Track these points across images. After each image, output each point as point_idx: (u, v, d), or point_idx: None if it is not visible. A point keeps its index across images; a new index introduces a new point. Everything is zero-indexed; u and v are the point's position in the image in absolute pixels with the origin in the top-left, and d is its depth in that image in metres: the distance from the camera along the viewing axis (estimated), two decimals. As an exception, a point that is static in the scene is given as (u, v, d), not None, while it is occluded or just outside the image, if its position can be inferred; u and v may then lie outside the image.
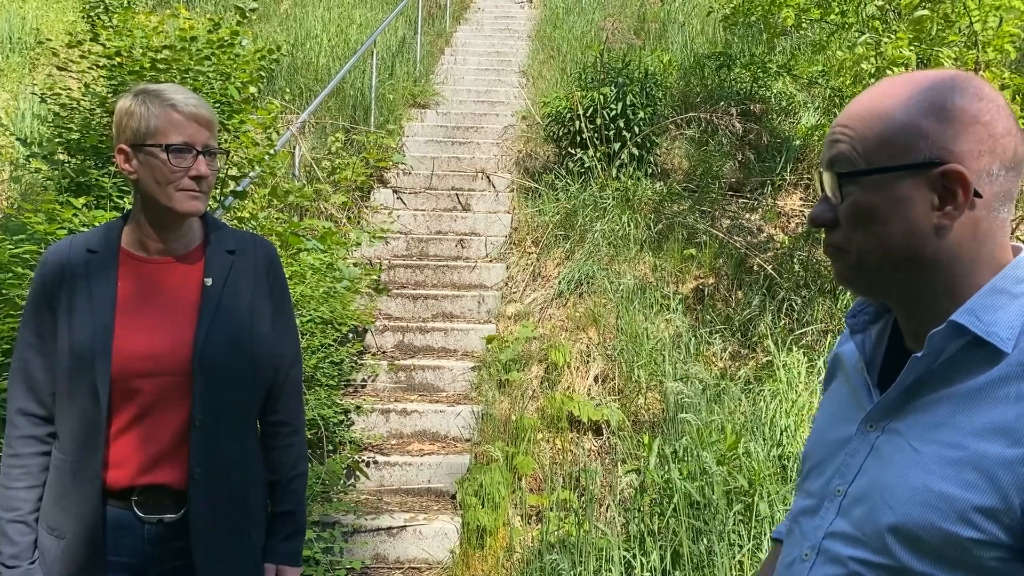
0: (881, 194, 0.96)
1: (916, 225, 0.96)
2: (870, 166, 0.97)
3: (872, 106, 0.98)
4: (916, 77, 0.99)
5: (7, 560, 1.77)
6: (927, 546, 0.92)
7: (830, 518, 1.04)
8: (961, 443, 0.92)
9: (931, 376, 0.99)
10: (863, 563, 0.98)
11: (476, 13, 12.63)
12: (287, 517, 1.99)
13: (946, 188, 0.94)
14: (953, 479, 0.91)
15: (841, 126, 1.00)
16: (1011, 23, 4.03)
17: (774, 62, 7.19)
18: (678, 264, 6.02)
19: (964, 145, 0.94)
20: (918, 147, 0.95)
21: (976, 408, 0.93)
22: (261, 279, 1.93)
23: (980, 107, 0.95)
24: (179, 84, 4.23)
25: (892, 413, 1.02)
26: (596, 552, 3.46)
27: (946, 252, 0.96)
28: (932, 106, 0.95)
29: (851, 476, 1.03)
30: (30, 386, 1.79)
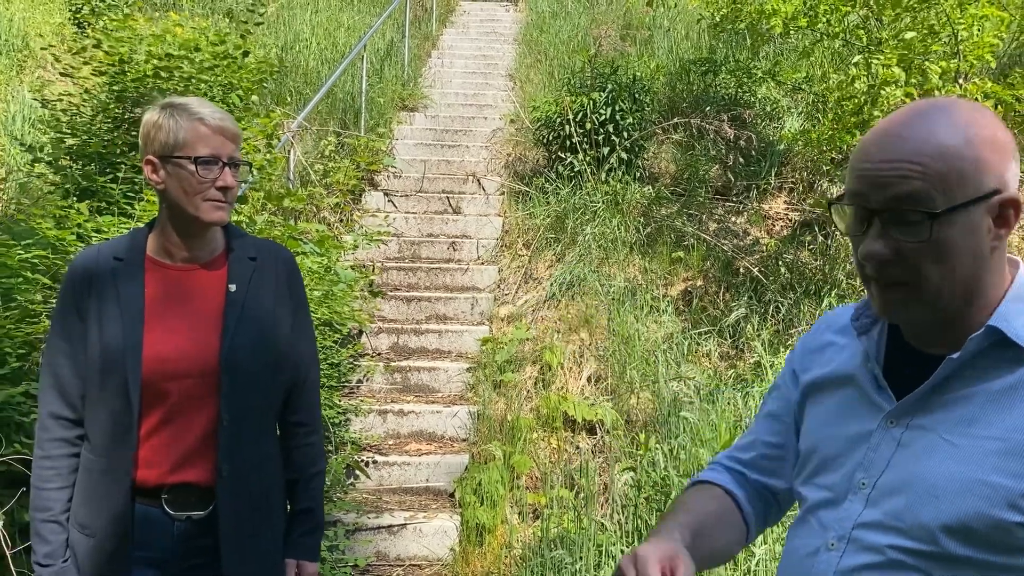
0: (958, 227, 1.01)
1: (980, 250, 1.03)
2: (952, 203, 1.00)
3: (932, 141, 1.01)
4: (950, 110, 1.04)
5: (41, 559, 1.83)
6: (975, 534, 1.00)
7: (858, 509, 1.10)
8: (1001, 436, 1.01)
9: (955, 376, 1.07)
10: (902, 551, 1.05)
11: (461, 16, 12.71)
12: (306, 514, 2.07)
13: (1002, 213, 1.03)
14: (1000, 469, 0.99)
15: (904, 161, 1.01)
16: (990, 33, 4.18)
17: (759, 68, 7.33)
18: (667, 266, 6.15)
19: (1009, 172, 1.03)
20: (985, 180, 1.01)
21: (1010, 403, 1.02)
22: (281, 284, 2.00)
23: (1009, 137, 1.05)
24: (183, 92, 4.30)
25: (915, 410, 1.09)
26: (595, 547, 3.56)
27: (992, 269, 1.06)
28: (985, 139, 1.01)
29: (878, 470, 1.10)
30: (60, 390, 1.85)
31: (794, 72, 7.20)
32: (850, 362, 1.20)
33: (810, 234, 6.39)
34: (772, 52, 8.27)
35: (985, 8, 4.01)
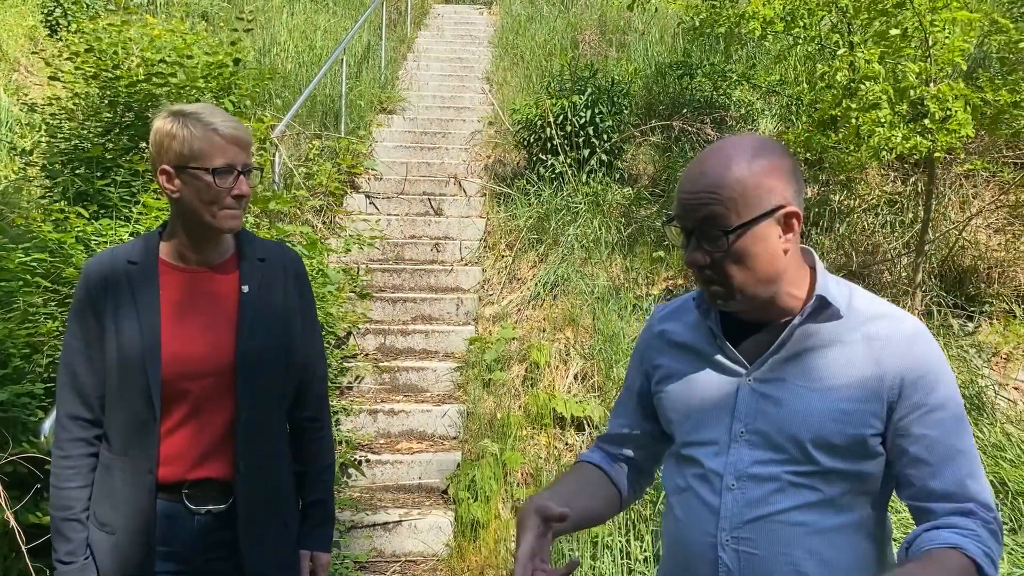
0: (749, 237, 1.33)
1: (774, 253, 1.35)
2: (742, 220, 1.32)
3: (724, 174, 1.32)
4: (743, 146, 1.36)
5: (63, 557, 1.87)
6: (840, 449, 1.33)
7: (746, 452, 1.38)
8: (840, 373, 1.35)
9: (790, 336, 1.39)
10: (794, 474, 1.35)
11: (436, 19, 12.77)
12: (319, 506, 2.13)
13: (787, 222, 1.35)
14: (847, 398, 1.34)
15: (704, 191, 1.33)
16: (960, 37, 4.35)
17: (734, 71, 7.49)
18: (648, 266, 6.27)
19: (789, 190, 1.35)
20: (766, 199, 1.33)
21: (837, 350, 1.37)
22: (291, 284, 2.05)
23: (788, 161, 1.37)
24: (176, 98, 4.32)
25: (767, 366, 1.40)
26: (591, 538, 3.66)
27: (789, 263, 1.38)
28: (767, 167, 1.33)
29: (751, 419, 1.39)
30: (78, 391, 1.88)
31: (768, 75, 7.36)
32: (695, 339, 1.50)
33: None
34: (745, 55, 8.45)
35: (957, 13, 4.18)
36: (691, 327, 1.52)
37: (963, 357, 5.19)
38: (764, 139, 1.40)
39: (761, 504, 1.36)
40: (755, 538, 1.36)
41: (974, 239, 6.27)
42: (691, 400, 1.47)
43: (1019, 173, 6.32)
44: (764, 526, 1.35)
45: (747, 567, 1.37)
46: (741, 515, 1.37)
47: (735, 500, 1.37)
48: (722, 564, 1.38)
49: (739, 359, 1.43)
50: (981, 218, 6.41)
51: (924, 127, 4.54)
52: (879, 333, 1.36)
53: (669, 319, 1.59)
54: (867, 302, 1.41)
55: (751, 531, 1.36)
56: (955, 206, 6.57)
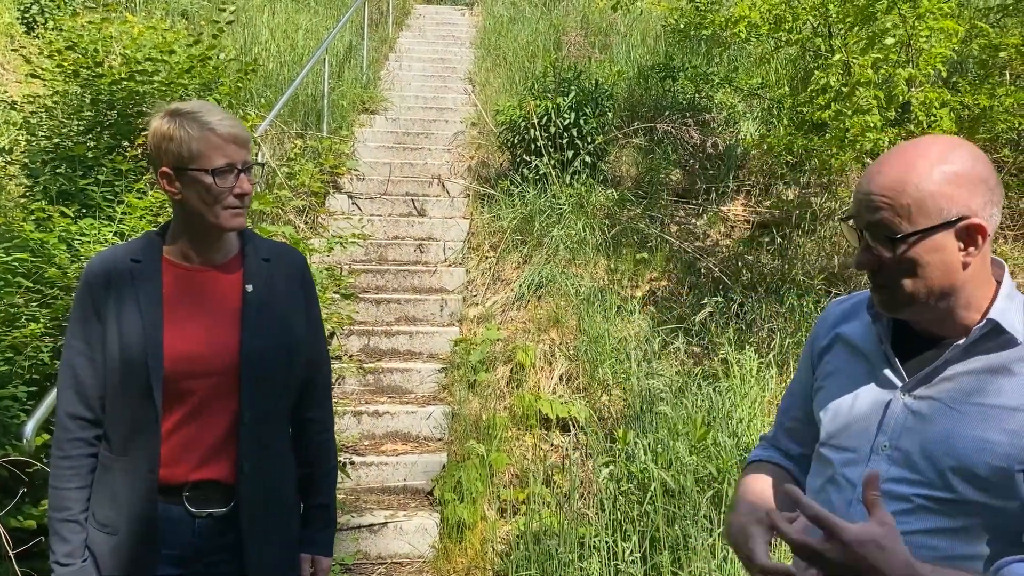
0: (922, 247, 1.27)
1: (949, 266, 1.28)
2: (914, 228, 1.26)
3: (901, 178, 1.27)
4: (931, 150, 1.29)
5: (61, 558, 1.84)
6: (982, 480, 1.25)
7: (884, 467, 1.33)
8: (998, 404, 1.27)
9: (956, 357, 1.32)
10: (926, 498, 1.29)
11: (417, 20, 12.74)
12: (321, 510, 2.12)
13: (968, 236, 1.27)
14: (999, 430, 1.25)
15: (879, 195, 1.28)
16: (943, 45, 4.41)
17: (716, 74, 7.53)
18: (632, 267, 6.29)
19: (976, 201, 1.26)
20: (945, 209, 1.25)
21: (1003, 379, 1.28)
22: (295, 284, 2.05)
23: (980, 169, 1.28)
24: (160, 95, 4.28)
25: (925, 384, 1.33)
26: (578, 539, 3.66)
27: (968, 279, 1.30)
28: (951, 175, 1.26)
29: (896, 434, 1.34)
30: (78, 391, 1.86)
31: (750, 78, 7.41)
32: (865, 342, 1.44)
33: (768, 235, 6.60)
34: (727, 58, 8.50)
35: (942, 21, 4.25)
36: (863, 328, 1.47)
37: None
38: (956, 142, 1.31)
39: None
40: None
41: (953, 241, 6.34)
42: (843, 402, 1.44)
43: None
44: None
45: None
46: None
47: (862, 514, 1.28)
48: None
49: (900, 371, 1.37)
50: (959, 221, 6.49)
51: (909, 131, 4.59)
52: None
53: (845, 315, 1.53)
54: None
55: None
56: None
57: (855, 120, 4.36)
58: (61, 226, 3.30)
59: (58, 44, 4.57)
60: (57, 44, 4.48)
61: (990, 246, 1.32)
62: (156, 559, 1.87)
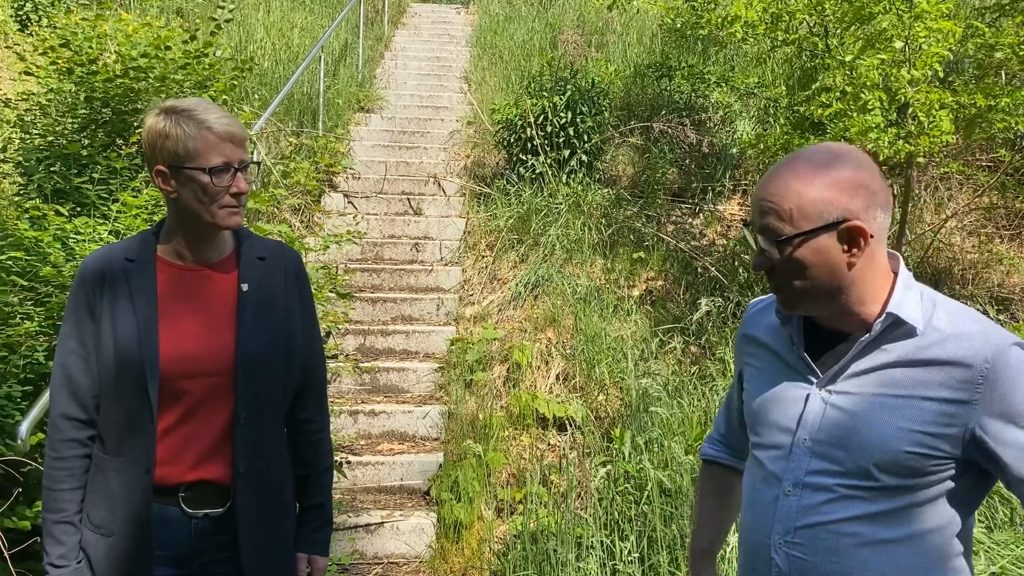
0: (806, 248, 1.35)
1: (834, 265, 1.35)
2: (796, 231, 1.34)
3: (786, 184, 1.35)
4: (815, 157, 1.36)
5: (55, 560, 1.82)
6: (900, 467, 1.33)
7: (806, 461, 1.41)
8: (906, 393, 1.34)
9: (865, 350, 1.39)
10: (848, 487, 1.36)
11: (413, 18, 12.72)
12: (317, 509, 2.10)
13: (850, 237, 1.33)
14: (909, 418, 1.32)
15: (766, 200, 1.37)
16: (941, 45, 4.41)
17: (712, 73, 7.53)
18: (628, 267, 6.29)
19: (856, 204, 1.33)
20: (826, 212, 1.33)
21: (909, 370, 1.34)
22: (291, 283, 2.03)
23: (861, 175, 1.34)
24: (154, 92, 4.25)
25: (837, 379, 1.41)
26: (575, 538, 3.66)
27: (856, 277, 1.37)
28: (830, 181, 1.33)
29: (816, 428, 1.41)
30: (72, 391, 1.84)
31: (746, 77, 7.42)
32: (778, 343, 1.52)
33: (764, 235, 6.59)
34: (723, 58, 8.50)
35: (941, 23, 4.25)
36: (775, 329, 1.54)
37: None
38: (842, 150, 1.38)
39: (814, 512, 1.39)
40: (806, 544, 1.40)
41: (949, 241, 6.36)
42: (764, 402, 1.51)
43: (993, 176, 6.42)
44: (815, 534, 1.39)
45: (796, 571, 1.41)
46: (794, 520, 1.41)
47: (790, 506, 1.41)
48: (774, 565, 1.44)
49: (813, 369, 1.44)
50: (955, 220, 6.51)
51: (908, 132, 4.60)
52: (960, 356, 1.31)
53: (760, 316, 1.61)
54: (949, 319, 1.36)
55: (802, 537, 1.40)
56: (930, 208, 6.66)
57: (856, 120, 4.36)
58: (56, 224, 3.27)
59: (52, 41, 4.54)
60: (51, 41, 4.45)
61: (883, 245, 1.39)
62: (151, 560, 1.85)
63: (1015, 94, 4.77)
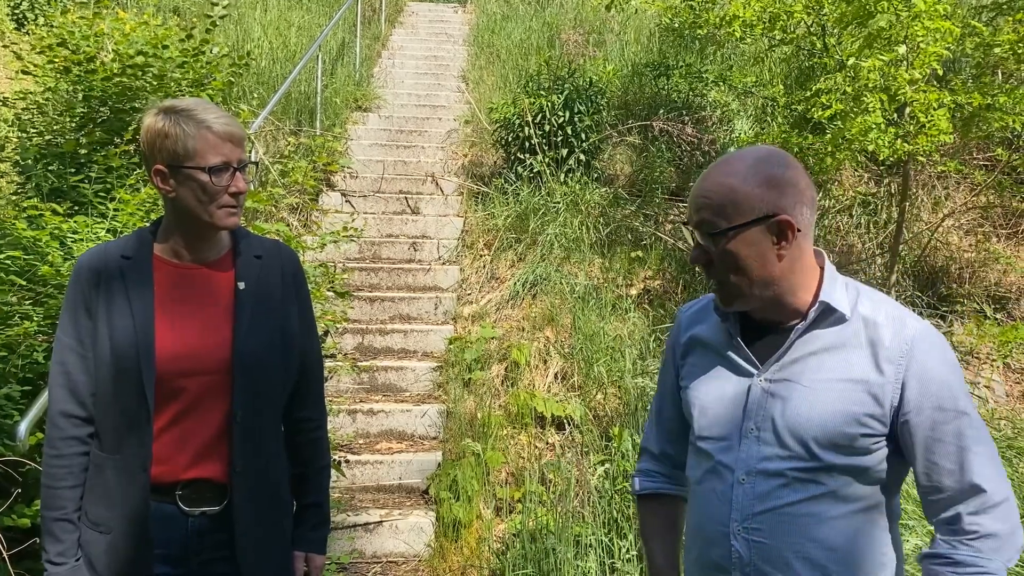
0: (739, 241, 1.42)
1: (765, 258, 1.43)
2: (729, 224, 1.42)
3: (720, 181, 1.43)
4: (746, 157, 1.45)
5: (54, 557, 1.83)
6: (840, 446, 1.41)
7: (756, 449, 1.48)
8: (840, 377, 1.43)
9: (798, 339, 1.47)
10: (798, 470, 1.44)
11: (410, 17, 12.71)
12: (314, 508, 2.11)
13: (779, 231, 1.42)
14: (844, 399, 1.41)
15: (702, 196, 1.45)
16: (939, 45, 4.42)
17: (710, 72, 7.54)
18: (626, 266, 6.29)
19: (785, 200, 1.42)
20: (757, 207, 1.41)
21: (841, 354, 1.44)
22: (288, 282, 2.03)
23: (790, 174, 1.44)
24: (152, 90, 4.25)
25: (775, 368, 1.48)
26: (574, 537, 3.66)
27: (787, 269, 1.45)
28: (763, 178, 1.42)
29: (761, 417, 1.48)
30: (70, 388, 1.84)
31: (744, 76, 7.43)
32: (717, 339, 1.58)
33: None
34: (721, 57, 8.51)
35: (939, 22, 4.26)
36: (713, 326, 1.61)
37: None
38: (772, 152, 1.47)
39: (769, 498, 1.46)
40: (764, 528, 1.47)
41: (946, 240, 6.37)
42: (708, 396, 1.57)
43: (990, 175, 6.43)
44: (772, 518, 1.46)
45: (757, 555, 1.48)
46: (751, 507, 1.48)
47: (745, 494, 1.48)
48: (735, 551, 1.49)
49: (752, 360, 1.51)
50: (953, 219, 6.52)
51: (906, 131, 4.61)
52: (881, 338, 1.42)
53: (695, 318, 1.68)
54: (873, 306, 1.47)
55: (760, 522, 1.47)
56: (927, 207, 6.67)
57: (857, 121, 4.38)
58: (53, 224, 3.27)
59: (49, 40, 4.53)
60: (48, 40, 4.44)
61: (810, 240, 1.47)
62: (151, 558, 1.85)
63: (1013, 93, 4.78)
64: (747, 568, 1.48)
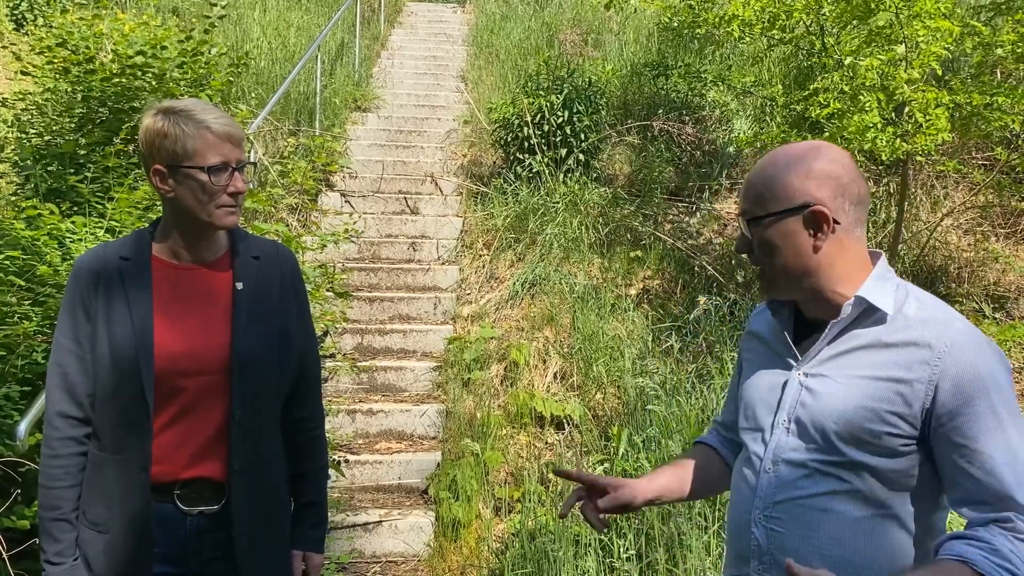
0: (774, 230, 1.46)
1: (800, 248, 1.45)
2: (765, 212, 1.46)
3: (763, 172, 1.48)
4: (793, 150, 1.48)
5: (52, 557, 1.83)
6: (864, 443, 1.40)
7: (784, 440, 1.50)
8: (870, 375, 1.42)
9: (839, 335, 1.48)
10: (820, 462, 1.44)
11: (409, 17, 12.71)
12: (312, 507, 2.12)
13: (815, 221, 1.43)
14: (871, 397, 1.40)
15: (747, 185, 1.50)
16: (937, 44, 4.42)
17: (709, 72, 7.55)
18: (626, 266, 6.29)
19: (823, 192, 1.43)
20: (793, 197, 1.44)
21: (878, 352, 1.43)
22: (286, 282, 2.04)
23: (832, 167, 1.45)
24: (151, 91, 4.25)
25: (814, 362, 1.50)
26: (573, 536, 3.66)
27: (824, 262, 1.46)
28: (801, 170, 1.45)
29: (793, 409, 1.50)
30: (68, 389, 1.84)
31: (742, 76, 7.43)
32: (770, 334, 1.63)
33: (761, 233, 6.60)
34: (720, 57, 8.51)
35: (939, 21, 4.27)
36: (768, 322, 1.65)
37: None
38: (819, 146, 1.49)
39: (790, 487, 1.47)
40: (783, 518, 1.48)
41: (945, 240, 6.38)
42: (752, 388, 1.62)
43: (989, 175, 6.44)
44: (791, 508, 1.47)
45: (774, 544, 1.49)
46: (772, 496, 1.49)
47: (769, 483, 1.50)
48: (753, 539, 1.51)
49: (794, 353, 1.54)
50: (951, 219, 6.52)
51: (905, 130, 4.61)
52: (922, 338, 1.39)
53: (759, 314, 1.72)
54: (918, 307, 1.45)
55: (780, 511, 1.48)
56: (926, 207, 6.67)
57: (854, 120, 4.39)
58: (51, 223, 3.27)
59: (48, 41, 4.53)
60: (48, 41, 4.45)
61: (857, 236, 1.47)
62: (150, 558, 1.86)
63: (1012, 92, 4.78)
64: (764, 557, 1.49)
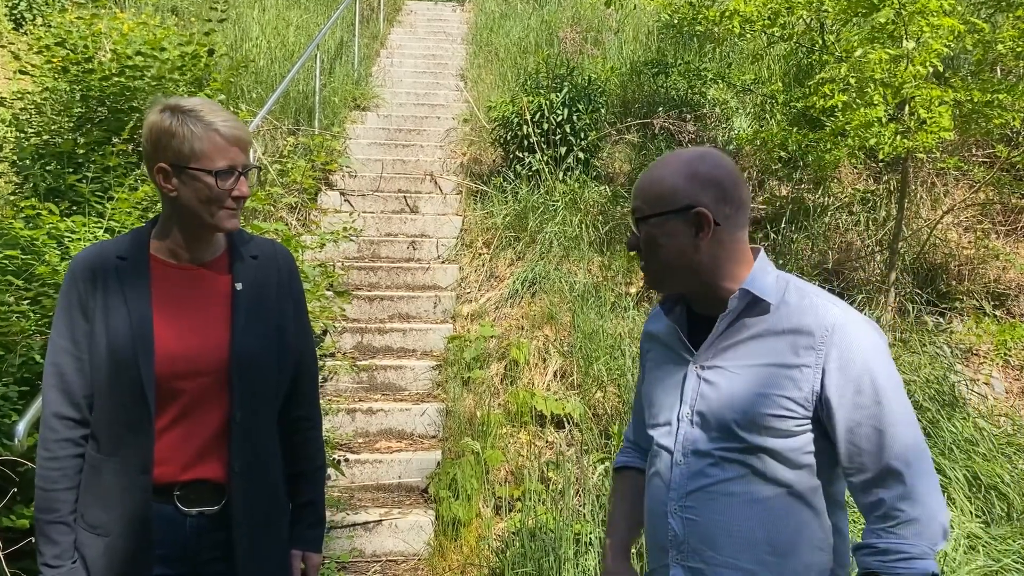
0: (658, 229, 1.54)
1: (683, 247, 1.53)
2: (651, 211, 1.54)
3: (652, 175, 1.56)
4: (683, 155, 1.57)
5: (50, 560, 1.81)
6: (760, 427, 1.49)
7: (690, 432, 1.58)
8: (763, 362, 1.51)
9: (729, 328, 1.56)
10: (724, 449, 1.53)
11: (408, 16, 12.71)
12: (311, 507, 2.11)
13: (697, 222, 1.52)
14: (765, 384, 1.49)
15: (638, 188, 1.58)
16: (939, 41, 4.42)
17: (708, 70, 7.54)
18: (626, 264, 6.28)
19: (705, 196, 1.51)
20: (677, 199, 1.52)
21: (766, 341, 1.52)
22: (284, 283, 2.03)
23: (716, 172, 1.54)
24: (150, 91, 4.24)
25: (708, 356, 1.58)
26: (574, 535, 3.66)
27: (706, 259, 1.54)
28: (686, 174, 1.53)
29: (694, 402, 1.58)
30: (65, 390, 1.83)
31: (742, 74, 7.42)
32: (666, 333, 1.69)
33: (760, 231, 6.60)
34: (719, 54, 8.50)
35: (943, 19, 4.26)
36: (663, 322, 1.71)
37: (936, 353, 5.26)
38: (707, 152, 1.58)
39: (700, 477, 1.55)
40: (696, 507, 1.56)
41: (945, 237, 6.37)
42: (654, 386, 1.70)
43: (989, 172, 6.43)
44: (703, 496, 1.55)
45: (690, 532, 1.56)
46: (685, 487, 1.57)
47: (680, 474, 1.58)
48: (671, 529, 1.59)
49: (688, 348, 1.62)
50: (952, 216, 6.51)
51: (907, 127, 4.60)
52: (804, 326, 1.50)
53: (655, 316, 1.79)
54: (799, 296, 1.55)
55: (693, 500, 1.56)
56: (927, 204, 6.66)
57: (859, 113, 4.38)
58: (50, 223, 3.26)
59: (47, 40, 4.53)
60: (46, 40, 4.44)
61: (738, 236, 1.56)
62: (150, 560, 1.85)
63: (1013, 89, 4.77)
64: (682, 546, 1.57)
